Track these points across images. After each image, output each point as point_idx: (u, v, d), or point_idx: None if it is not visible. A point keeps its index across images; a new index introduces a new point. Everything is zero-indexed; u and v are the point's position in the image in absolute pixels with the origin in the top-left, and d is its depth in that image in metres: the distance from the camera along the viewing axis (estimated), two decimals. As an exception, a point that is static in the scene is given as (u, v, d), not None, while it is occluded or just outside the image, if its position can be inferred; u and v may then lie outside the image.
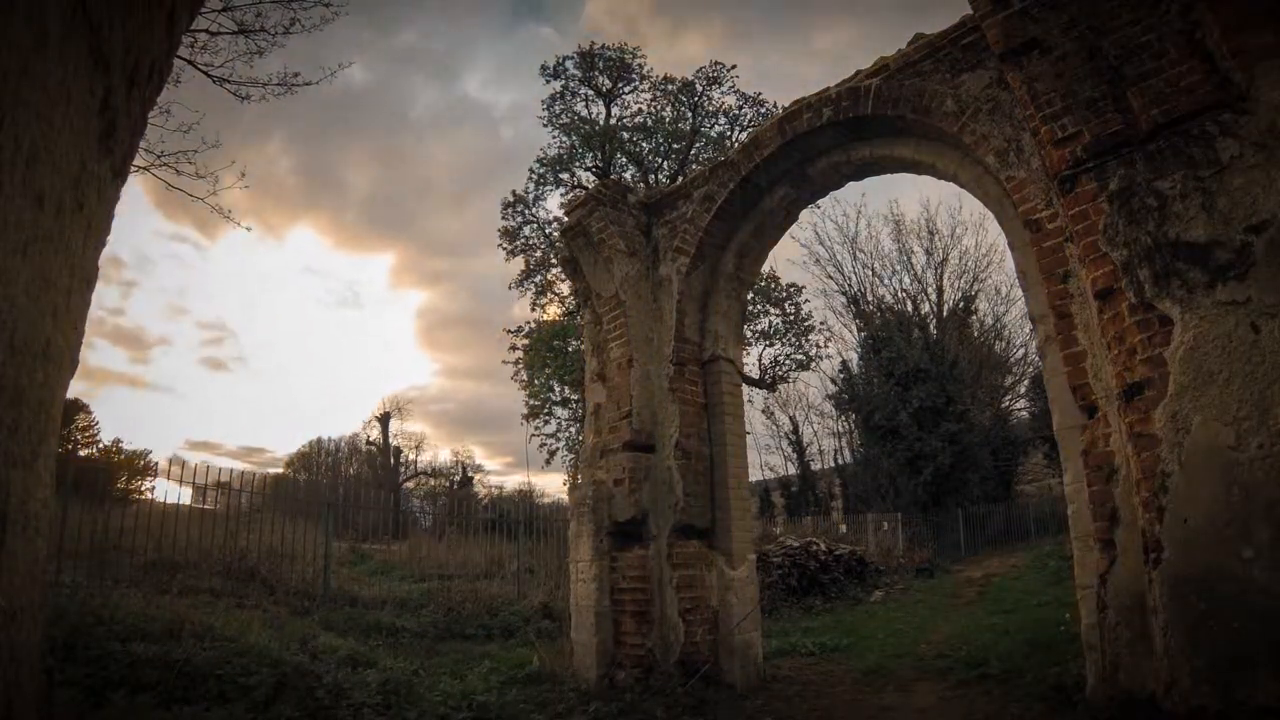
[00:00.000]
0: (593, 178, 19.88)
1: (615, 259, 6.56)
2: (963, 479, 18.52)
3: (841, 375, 21.98)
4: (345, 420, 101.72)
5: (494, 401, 66.89)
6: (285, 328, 75.71)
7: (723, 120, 20.90)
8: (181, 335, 64.24)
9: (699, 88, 20.65)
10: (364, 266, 77.97)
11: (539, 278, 20.72)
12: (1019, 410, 24.71)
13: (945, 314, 23.69)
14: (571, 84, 20.87)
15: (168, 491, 10.93)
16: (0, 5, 1.18)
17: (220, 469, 13.54)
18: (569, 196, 18.15)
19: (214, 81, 9.33)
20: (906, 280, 24.22)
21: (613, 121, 20.95)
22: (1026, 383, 23.73)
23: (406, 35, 70.10)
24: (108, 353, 59.58)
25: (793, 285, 20.19)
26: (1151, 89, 3.56)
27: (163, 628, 4.85)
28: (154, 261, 63.60)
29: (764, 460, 28.09)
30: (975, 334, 24.27)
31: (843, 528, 17.94)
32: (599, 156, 20.51)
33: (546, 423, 20.26)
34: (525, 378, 20.42)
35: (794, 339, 20.23)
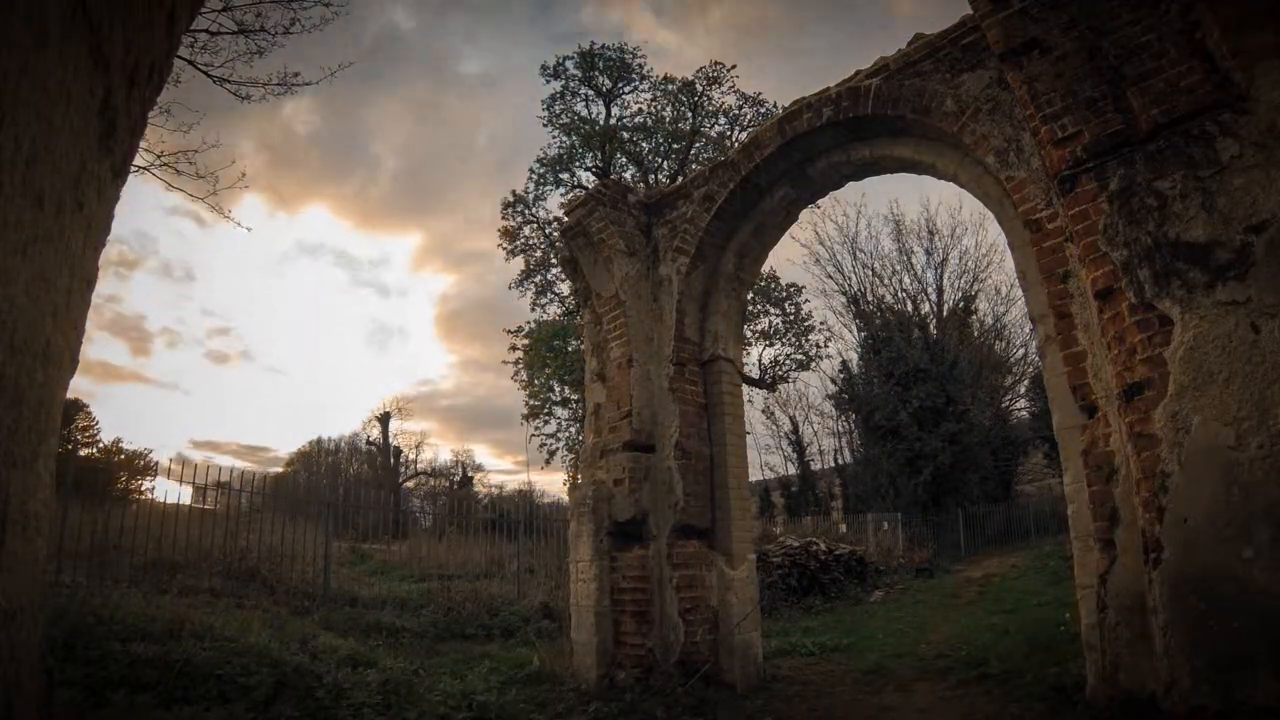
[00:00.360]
0: (593, 178, 19.88)
1: (615, 259, 6.56)
2: (963, 479, 18.52)
3: (841, 375, 21.99)
4: (351, 416, 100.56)
5: (509, 397, 64.38)
6: (293, 317, 74.14)
7: (723, 120, 20.91)
8: (185, 327, 63.40)
9: (699, 88, 20.65)
10: (386, 247, 74.82)
11: (539, 278, 20.75)
12: (1019, 410, 24.71)
13: (945, 314, 23.67)
14: (571, 84, 20.87)
15: (168, 491, 10.94)
16: (0, 5, 1.18)
17: (221, 468, 13.54)
18: (569, 196, 18.15)
19: (214, 81, 9.34)
20: (906, 280, 24.19)
21: (613, 121, 20.94)
22: (1026, 383, 23.71)
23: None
24: (108, 346, 58.81)
25: (793, 285, 20.23)
26: (1151, 89, 3.56)
27: (163, 628, 4.84)
28: (154, 238, 61.78)
29: (764, 460, 28.07)
30: (975, 334, 24.25)
31: (843, 528, 17.92)
32: (599, 156, 20.51)
33: (546, 423, 20.30)
34: (525, 378, 20.45)
35: (794, 339, 20.26)
